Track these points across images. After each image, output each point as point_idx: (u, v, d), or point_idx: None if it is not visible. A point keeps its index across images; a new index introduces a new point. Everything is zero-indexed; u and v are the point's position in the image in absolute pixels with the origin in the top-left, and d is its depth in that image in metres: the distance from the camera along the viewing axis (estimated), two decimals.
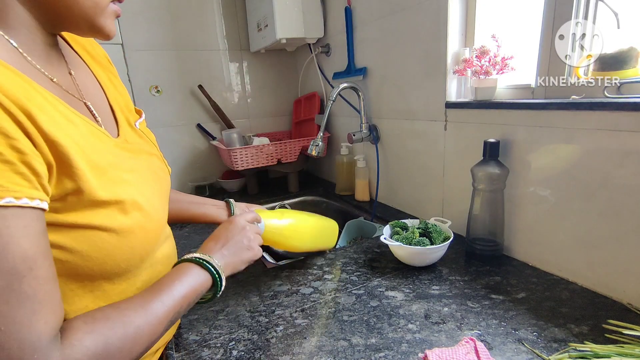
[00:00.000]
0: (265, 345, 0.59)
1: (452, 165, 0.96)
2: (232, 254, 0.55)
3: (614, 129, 0.62)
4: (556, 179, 0.72)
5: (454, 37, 0.89)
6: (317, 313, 0.67)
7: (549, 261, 0.76)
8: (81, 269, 0.40)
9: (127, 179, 0.44)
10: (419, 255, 0.78)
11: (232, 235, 0.57)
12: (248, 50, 1.62)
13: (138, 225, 0.44)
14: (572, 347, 0.53)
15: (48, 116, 0.36)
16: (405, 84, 1.07)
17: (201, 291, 0.49)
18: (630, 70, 0.63)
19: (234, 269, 0.55)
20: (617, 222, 0.63)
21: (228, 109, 1.62)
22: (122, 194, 0.42)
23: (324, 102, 1.53)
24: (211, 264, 0.50)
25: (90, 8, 0.41)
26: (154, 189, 0.51)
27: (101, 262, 0.41)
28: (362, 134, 1.22)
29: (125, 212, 0.42)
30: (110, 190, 0.40)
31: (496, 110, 0.81)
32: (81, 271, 0.40)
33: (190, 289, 0.46)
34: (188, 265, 0.49)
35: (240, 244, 0.57)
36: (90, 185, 0.38)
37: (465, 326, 0.60)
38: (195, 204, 0.73)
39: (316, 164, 1.78)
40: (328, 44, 1.43)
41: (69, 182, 0.37)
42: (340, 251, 0.92)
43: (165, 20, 1.44)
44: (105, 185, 0.40)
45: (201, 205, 0.73)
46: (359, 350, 0.56)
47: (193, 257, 0.50)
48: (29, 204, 0.33)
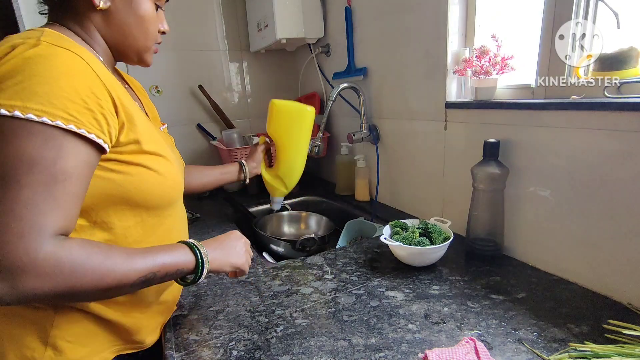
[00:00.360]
0: (265, 345, 0.59)
1: (452, 165, 0.96)
2: (223, 254, 0.61)
3: (614, 129, 0.62)
4: (556, 179, 0.72)
5: (454, 37, 0.89)
6: (317, 313, 0.67)
7: (549, 261, 0.76)
8: (130, 193, 0.53)
9: (162, 143, 0.60)
10: (419, 255, 0.78)
11: (229, 240, 0.65)
12: (248, 50, 1.62)
13: (169, 172, 0.58)
14: (572, 347, 0.53)
15: (125, 97, 0.53)
16: (405, 84, 1.07)
17: (182, 268, 0.54)
18: (630, 70, 0.63)
19: (220, 266, 0.60)
20: (617, 222, 0.63)
21: (228, 109, 1.62)
22: (160, 150, 0.57)
23: (324, 102, 1.53)
24: (199, 250, 0.56)
25: (142, 48, 0.62)
26: (177, 162, 0.67)
27: (144, 191, 0.55)
28: (362, 134, 1.22)
29: (162, 161, 0.57)
30: (154, 146, 0.56)
31: (496, 110, 0.81)
32: (130, 196, 0.53)
33: (172, 261, 0.53)
34: (181, 245, 0.56)
35: (233, 249, 0.64)
36: (144, 139, 0.54)
37: (465, 326, 0.60)
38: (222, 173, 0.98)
39: (316, 164, 1.78)
40: (328, 44, 1.43)
41: (132, 134, 0.53)
42: (340, 251, 0.92)
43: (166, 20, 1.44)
44: (151, 142, 0.56)
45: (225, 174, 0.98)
46: (359, 350, 0.56)
47: (187, 241, 0.57)
48: (92, 138, 0.46)
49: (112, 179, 0.51)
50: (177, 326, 0.66)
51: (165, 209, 0.61)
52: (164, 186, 0.57)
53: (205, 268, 0.56)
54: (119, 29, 0.58)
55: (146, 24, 0.60)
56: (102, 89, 0.48)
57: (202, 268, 0.56)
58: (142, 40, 0.61)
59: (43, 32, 0.47)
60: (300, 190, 1.54)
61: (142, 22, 0.59)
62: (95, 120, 0.46)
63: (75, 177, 0.45)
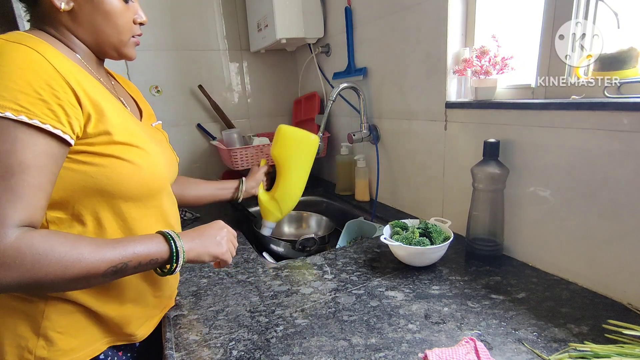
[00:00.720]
0: (265, 345, 0.59)
1: (452, 165, 0.96)
2: (200, 244, 0.61)
3: (614, 129, 0.62)
4: (556, 179, 0.72)
5: (454, 37, 0.89)
6: (317, 313, 0.67)
7: (549, 261, 0.76)
8: (103, 184, 0.53)
9: (141, 135, 0.60)
10: (419, 255, 0.78)
11: (208, 230, 0.64)
12: (248, 50, 1.62)
13: (146, 163, 0.58)
14: (572, 347, 0.53)
15: (93, 88, 0.53)
16: (405, 84, 1.07)
17: (156, 258, 0.54)
18: (630, 70, 0.63)
19: (197, 256, 0.60)
20: (617, 222, 0.63)
21: (228, 109, 1.62)
22: (135, 141, 0.57)
23: (324, 102, 1.53)
24: (174, 240, 0.56)
25: (117, 43, 0.61)
26: (164, 155, 0.67)
27: (117, 182, 0.54)
28: (362, 134, 1.22)
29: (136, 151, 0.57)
30: (128, 137, 0.56)
31: (496, 110, 0.81)
32: (103, 187, 0.54)
33: (145, 251, 0.53)
34: (156, 235, 0.56)
35: (212, 238, 0.63)
36: (115, 130, 0.54)
37: (465, 326, 0.60)
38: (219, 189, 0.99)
39: (316, 164, 1.77)
40: (328, 44, 1.43)
41: (102, 126, 0.52)
42: (340, 251, 0.92)
43: (165, 20, 1.44)
44: (124, 134, 0.55)
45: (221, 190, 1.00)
46: (359, 350, 0.56)
47: (164, 231, 0.57)
48: (47, 129, 0.46)
49: (85, 171, 0.52)
50: (177, 326, 0.66)
51: (146, 200, 0.61)
52: (139, 177, 0.57)
53: (181, 258, 0.56)
54: (88, 27, 0.58)
55: (114, 18, 0.59)
56: (59, 81, 0.48)
57: (177, 258, 0.56)
58: (114, 35, 0.60)
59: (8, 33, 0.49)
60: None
61: (110, 18, 0.59)
62: (51, 111, 0.46)
63: (34, 169, 0.45)
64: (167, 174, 0.66)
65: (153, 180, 0.60)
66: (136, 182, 0.57)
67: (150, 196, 0.61)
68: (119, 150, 0.54)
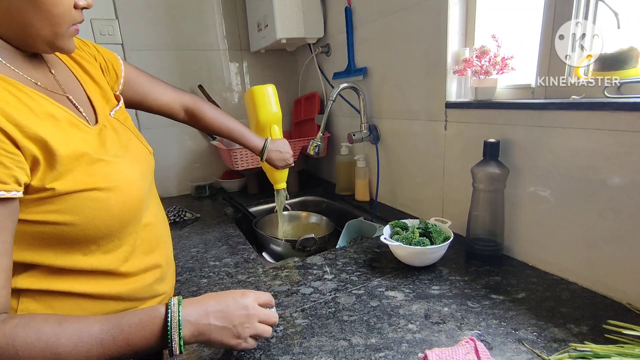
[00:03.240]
0: (265, 345, 0.59)
1: (452, 165, 0.96)
2: (217, 329, 0.51)
3: (614, 129, 0.62)
4: (556, 179, 0.72)
5: (454, 37, 0.89)
6: (317, 313, 0.67)
7: (549, 261, 0.76)
8: (69, 232, 0.48)
9: (105, 159, 0.52)
10: (419, 255, 0.78)
11: (233, 313, 0.52)
12: (248, 50, 1.62)
13: (114, 199, 0.51)
14: (572, 347, 0.53)
15: (28, 111, 0.45)
16: (405, 84, 1.07)
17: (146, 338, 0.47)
18: (630, 70, 0.63)
19: (207, 342, 0.51)
20: (617, 222, 0.63)
21: (228, 109, 1.62)
22: (97, 182, 0.50)
23: (324, 102, 1.53)
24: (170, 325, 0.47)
25: (50, 36, 0.49)
26: (134, 166, 0.58)
27: (84, 226, 0.48)
28: (362, 134, 1.22)
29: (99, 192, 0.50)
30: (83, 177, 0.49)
31: (496, 110, 0.81)
32: (70, 234, 0.48)
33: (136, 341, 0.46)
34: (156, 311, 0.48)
35: (232, 330, 0.51)
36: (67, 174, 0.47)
37: (465, 326, 0.60)
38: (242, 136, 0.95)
39: (316, 164, 1.78)
40: (328, 44, 1.43)
41: (54, 170, 0.46)
42: (340, 251, 0.92)
43: (165, 20, 1.44)
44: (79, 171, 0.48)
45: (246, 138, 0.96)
46: (359, 350, 0.56)
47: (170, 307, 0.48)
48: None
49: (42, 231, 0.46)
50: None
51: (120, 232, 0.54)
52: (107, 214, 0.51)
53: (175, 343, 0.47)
54: (9, 20, 0.47)
55: (48, 6, 0.47)
56: None
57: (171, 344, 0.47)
58: (47, 28, 0.48)
59: None
60: (300, 190, 1.54)
61: (42, 6, 0.46)
62: None
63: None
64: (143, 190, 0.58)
65: (127, 209, 0.53)
66: (106, 218, 0.50)
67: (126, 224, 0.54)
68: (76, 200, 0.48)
